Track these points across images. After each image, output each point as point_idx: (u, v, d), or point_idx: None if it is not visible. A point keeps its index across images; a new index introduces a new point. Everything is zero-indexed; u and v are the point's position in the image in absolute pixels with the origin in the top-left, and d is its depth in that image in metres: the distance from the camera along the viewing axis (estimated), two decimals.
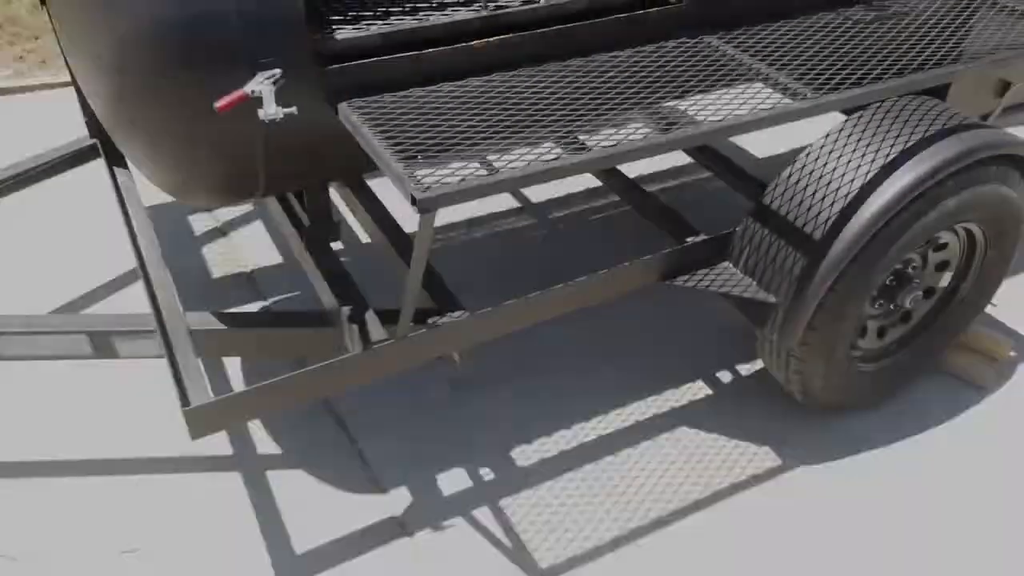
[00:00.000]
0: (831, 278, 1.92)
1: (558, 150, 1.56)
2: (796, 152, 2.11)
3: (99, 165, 2.51)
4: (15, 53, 4.68)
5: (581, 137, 1.69)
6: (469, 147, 1.51)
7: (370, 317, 1.80)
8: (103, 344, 1.89)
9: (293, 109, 1.44)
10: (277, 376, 1.63)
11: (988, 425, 2.36)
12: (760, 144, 3.48)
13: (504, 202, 3.20)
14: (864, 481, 2.19)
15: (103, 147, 2.34)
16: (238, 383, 2.38)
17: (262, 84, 1.46)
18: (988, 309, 2.56)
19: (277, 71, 1.49)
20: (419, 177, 1.37)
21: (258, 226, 3.05)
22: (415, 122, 1.55)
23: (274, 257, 2.90)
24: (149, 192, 2.14)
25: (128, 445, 2.20)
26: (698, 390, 2.45)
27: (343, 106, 1.59)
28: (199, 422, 1.58)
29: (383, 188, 2.09)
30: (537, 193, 3.24)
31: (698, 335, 2.62)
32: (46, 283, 2.70)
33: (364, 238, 2.94)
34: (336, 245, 2.12)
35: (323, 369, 1.65)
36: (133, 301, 2.63)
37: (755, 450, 2.27)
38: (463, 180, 1.37)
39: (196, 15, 1.44)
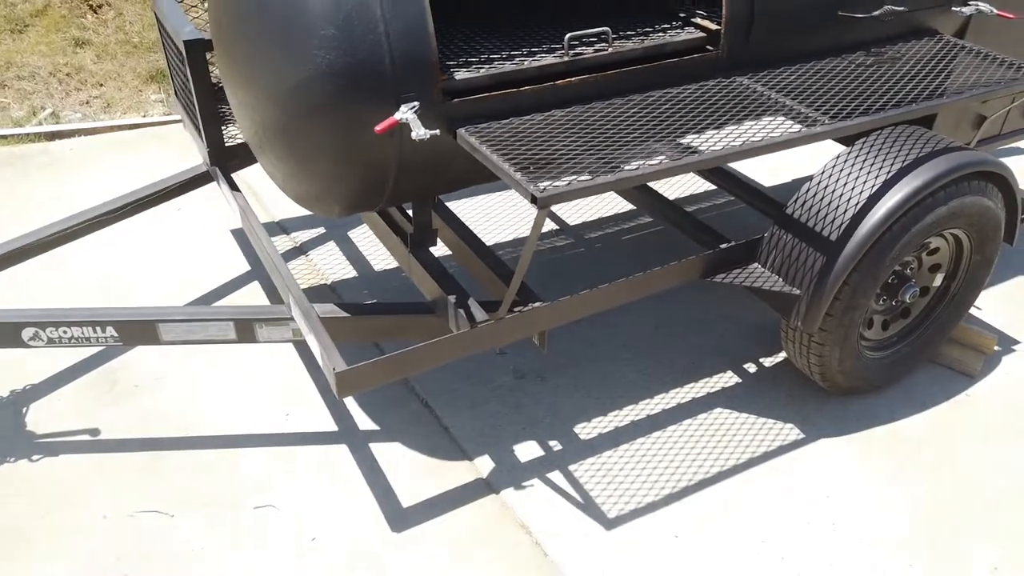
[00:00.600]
0: (845, 273, 2.33)
1: (632, 164, 1.97)
2: (800, 181, 2.54)
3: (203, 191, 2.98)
4: (81, 99, 5.12)
5: (646, 154, 2.10)
6: (561, 162, 1.92)
7: (472, 303, 2.20)
8: (245, 330, 2.28)
9: (436, 131, 1.86)
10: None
11: (979, 407, 2.76)
12: (764, 175, 3.93)
13: (545, 224, 3.63)
14: (876, 451, 2.58)
15: (222, 172, 2.76)
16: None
17: (407, 113, 1.88)
18: (974, 310, 2.98)
19: (416, 103, 1.91)
20: (535, 181, 1.78)
21: (331, 245, 3.46)
22: (518, 143, 1.96)
23: (349, 271, 3.31)
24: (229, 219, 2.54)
25: (252, 424, 2.57)
26: (729, 379, 2.84)
27: (461, 131, 2.01)
28: (346, 384, 1.97)
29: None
30: (574, 216, 3.67)
31: (727, 334, 3.02)
32: (182, 284, 3.16)
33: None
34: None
35: (441, 341, 2.05)
36: (253, 299, 3.09)
37: (781, 426, 2.66)
38: (568, 184, 1.79)
39: (359, 62, 1.86)
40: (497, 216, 3.67)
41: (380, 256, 3.36)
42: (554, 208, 3.68)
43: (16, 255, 2.59)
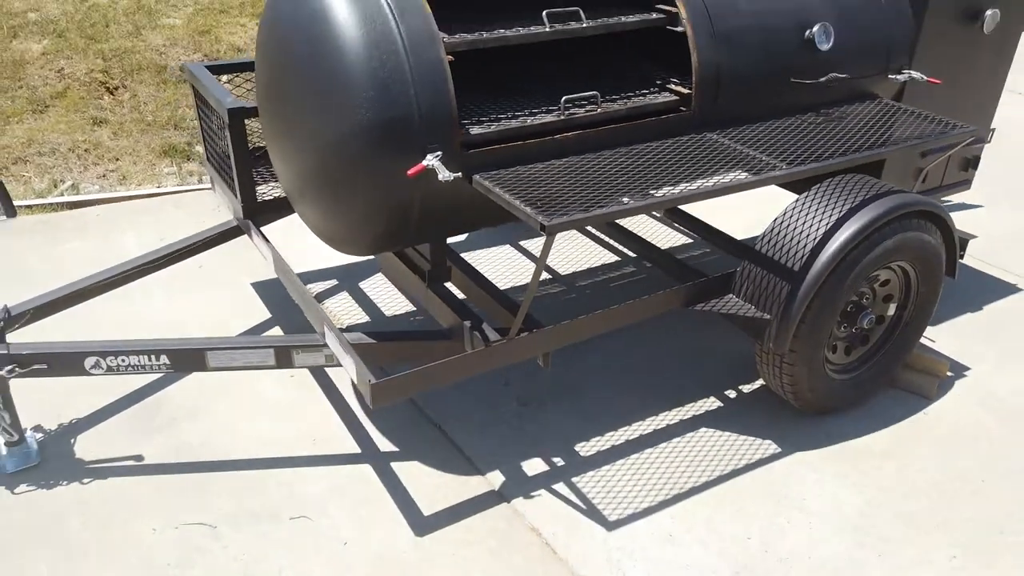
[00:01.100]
0: (808, 298, 2.68)
1: (620, 202, 2.32)
2: (759, 221, 2.92)
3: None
4: (99, 172, 5.47)
5: (633, 195, 2.44)
6: (561, 201, 2.27)
7: (486, 327, 2.51)
8: (284, 357, 2.57)
9: (459, 174, 2.21)
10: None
11: (936, 424, 3.07)
12: (724, 223, 4.33)
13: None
14: (847, 462, 2.87)
15: (255, 224, 3.08)
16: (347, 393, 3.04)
17: (433, 160, 2.23)
18: (927, 342, 3.33)
19: (440, 153, 2.27)
20: (541, 215, 2.13)
21: (344, 294, 3.77)
22: (525, 186, 2.31)
23: (361, 315, 3.61)
24: (252, 273, 2.84)
25: (282, 449, 2.83)
26: (712, 403, 3.15)
27: (476, 177, 2.36)
28: (380, 394, 2.25)
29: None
30: (564, 266, 4.02)
31: (709, 365, 3.34)
32: (216, 327, 3.45)
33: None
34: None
35: (461, 358, 2.35)
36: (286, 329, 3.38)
37: (760, 442, 2.95)
38: (570, 216, 2.13)
39: (393, 118, 2.22)
40: (493, 266, 4.01)
41: (388, 303, 3.67)
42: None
43: (65, 301, 2.88)
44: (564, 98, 2.56)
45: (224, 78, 3.50)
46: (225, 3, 6.98)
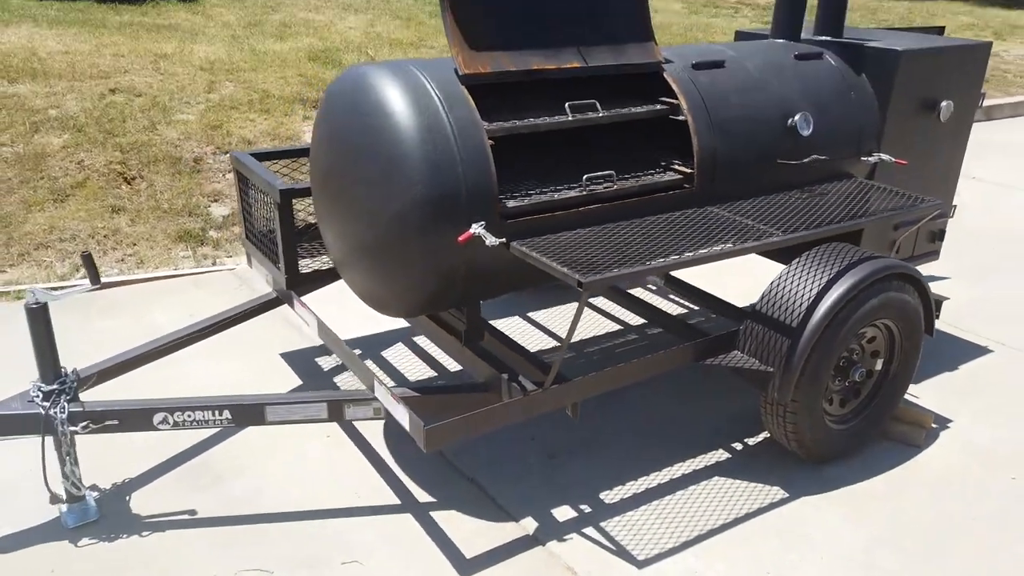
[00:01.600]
0: (807, 351, 2.99)
1: (645, 263, 2.63)
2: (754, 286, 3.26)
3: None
4: (117, 256, 5.72)
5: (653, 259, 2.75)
6: (589, 263, 2.58)
7: (523, 379, 2.77)
8: (336, 410, 2.80)
9: (503, 239, 2.53)
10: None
11: (925, 470, 3.35)
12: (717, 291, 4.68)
13: (546, 341, 4.25)
14: (847, 504, 3.12)
15: (296, 295, 3.35)
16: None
17: (479, 229, 2.55)
18: (912, 398, 3.64)
19: (483, 223, 2.59)
20: (578, 273, 2.43)
21: (369, 362, 4.01)
22: (556, 251, 2.63)
23: (394, 375, 3.85)
24: (281, 343, 3.11)
25: (328, 501, 3.01)
26: (722, 455, 3.40)
27: (514, 244, 2.67)
28: (433, 438, 2.49)
29: None
30: (576, 333, 4.31)
31: (718, 422, 3.61)
32: (255, 386, 3.63)
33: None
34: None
35: (504, 405, 2.60)
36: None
37: (769, 488, 3.20)
38: (603, 274, 2.44)
39: (444, 194, 2.55)
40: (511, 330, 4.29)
41: (412, 366, 3.92)
42: (554, 326, 4.33)
43: (127, 365, 3.10)
44: (585, 176, 2.91)
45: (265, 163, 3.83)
46: (235, 100, 7.42)
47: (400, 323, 4.29)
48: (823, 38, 3.83)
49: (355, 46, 9.30)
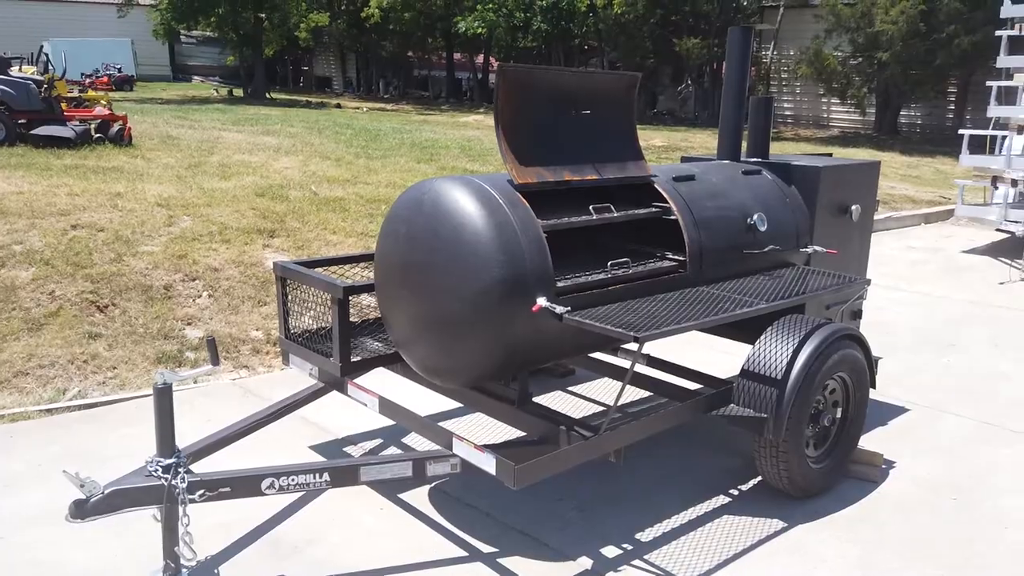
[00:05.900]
0: (792, 400, 3.68)
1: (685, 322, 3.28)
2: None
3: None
4: (99, 380, 5.84)
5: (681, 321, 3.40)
6: (634, 325, 3.21)
7: (580, 427, 3.30)
8: (419, 469, 3.20)
9: (568, 308, 3.12)
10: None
11: (885, 498, 4.05)
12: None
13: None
14: (836, 528, 3.75)
15: (345, 384, 3.78)
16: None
17: (545, 302, 3.14)
18: (864, 445, 4.39)
19: (545, 297, 3.18)
20: (632, 331, 3.05)
21: (396, 450, 4.39)
22: (599, 319, 3.25)
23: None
24: (304, 440, 3.57)
25: (397, 559, 3.34)
26: (726, 498, 3.98)
27: (566, 316, 3.27)
28: (523, 476, 2.96)
29: None
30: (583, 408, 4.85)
31: (715, 473, 4.20)
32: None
33: None
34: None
35: (573, 447, 3.12)
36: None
37: (771, 521, 3.78)
38: (655, 331, 3.07)
39: (514, 276, 3.14)
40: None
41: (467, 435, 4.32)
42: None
43: (210, 448, 3.39)
44: (609, 262, 3.59)
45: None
46: (195, 232, 7.78)
47: (438, 402, 4.61)
48: (757, 159, 4.80)
49: (296, 183, 9.91)
